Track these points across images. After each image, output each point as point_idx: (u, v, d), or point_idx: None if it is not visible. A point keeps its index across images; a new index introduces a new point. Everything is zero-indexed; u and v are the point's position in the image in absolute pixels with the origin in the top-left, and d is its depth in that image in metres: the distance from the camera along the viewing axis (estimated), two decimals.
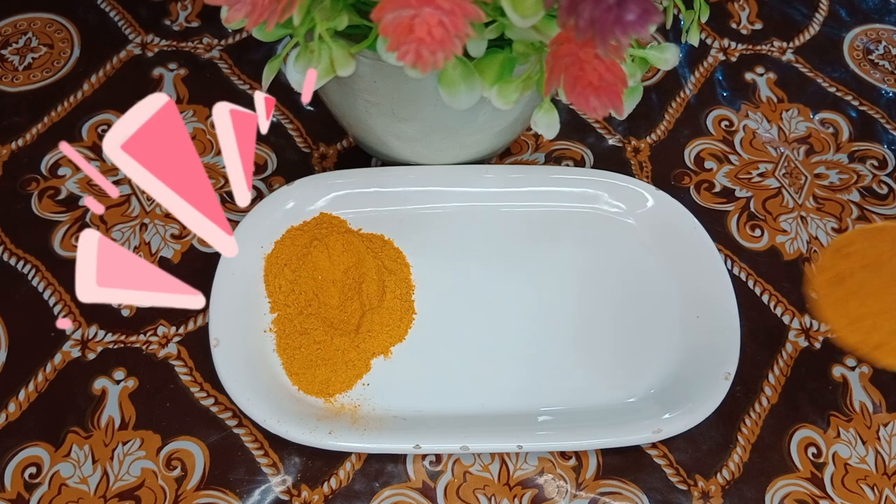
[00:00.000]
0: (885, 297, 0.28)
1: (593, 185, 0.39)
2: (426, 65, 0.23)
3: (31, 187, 0.40)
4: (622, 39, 0.22)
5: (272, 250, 0.37)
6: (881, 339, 0.28)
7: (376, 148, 0.39)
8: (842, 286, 0.28)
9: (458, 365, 0.35)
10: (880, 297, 0.28)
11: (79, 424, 0.34)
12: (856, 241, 0.29)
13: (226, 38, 0.47)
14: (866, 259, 0.28)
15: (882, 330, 0.28)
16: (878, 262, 0.28)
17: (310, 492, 0.32)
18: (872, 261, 0.28)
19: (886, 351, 0.28)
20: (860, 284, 0.28)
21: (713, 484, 0.33)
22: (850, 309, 0.28)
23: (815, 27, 0.49)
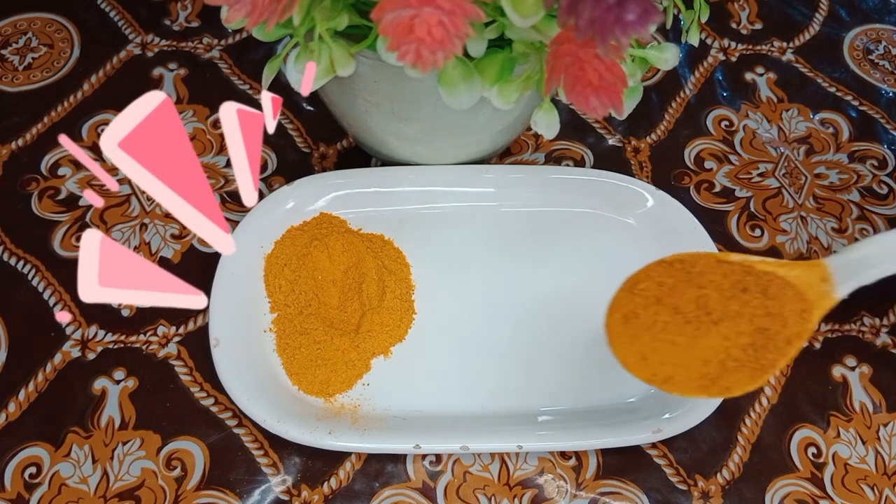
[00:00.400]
0: (673, 331, 0.29)
1: (593, 185, 0.39)
2: (426, 65, 0.23)
3: (31, 187, 0.40)
4: (622, 39, 0.22)
5: (272, 250, 0.37)
6: (669, 372, 0.28)
7: (376, 148, 0.39)
8: (633, 323, 0.29)
9: (458, 365, 0.35)
10: (668, 331, 0.29)
11: (79, 424, 0.34)
12: (647, 277, 0.29)
13: (226, 38, 0.47)
14: (657, 294, 0.29)
15: (668, 363, 0.28)
16: (667, 295, 0.29)
17: (310, 492, 0.32)
18: (663, 295, 0.29)
19: (673, 384, 0.28)
20: (650, 320, 0.29)
21: (713, 484, 0.33)
22: (642, 344, 0.29)
23: (815, 27, 0.49)
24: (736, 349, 0.28)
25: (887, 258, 0.28)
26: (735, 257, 0.29)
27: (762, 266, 0.29)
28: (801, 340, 0.28)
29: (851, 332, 0.37)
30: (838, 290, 0.29)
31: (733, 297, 0.28)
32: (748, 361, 0.28)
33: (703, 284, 0.29)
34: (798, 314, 0.28)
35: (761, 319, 0.28)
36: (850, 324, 0.38)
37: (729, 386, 0.28)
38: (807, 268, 0.29)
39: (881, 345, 0.37)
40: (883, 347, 0.37)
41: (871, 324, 0.38)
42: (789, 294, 0.28)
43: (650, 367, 0.29)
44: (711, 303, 0.29)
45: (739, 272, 0.29)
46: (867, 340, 0.37)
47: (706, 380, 0.28)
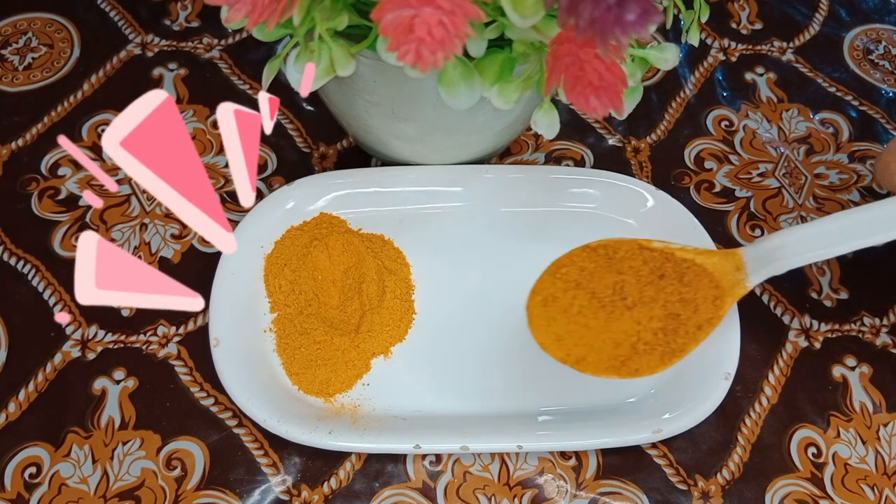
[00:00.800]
0: (588, 314, 0.30)
1: (593, 185, 0.39)
2: (426, 65, 0.23)
3: (31, 187, 0.40)
4: (622, 39, 0.22)
5: (272, 250, 0.37)
6: (582, 354, 0.29)
7: (376, 148, 0.39)
8: (551, 305, 0.30)
9: (458, 365, 0.35)
10: (584, 313, 0.30)
11: (79, 424, 0.34)
12: (570, 262, 0.30)
13: (226, 38, 0.47)
14: (577, 278, 0.30)
15: (582, 345, 0.30)
16: (588, 280, 0.30)
17: (310, 492, 0.32)
18: (582, 280, 0.30)
19: (586, 364, 0.30)
20: (568, 303, 0.30)
21: (713, 484, 0.33)
22: (558, 326, 0.30)
23: (815, 27, 0.49)
24: (647, 333, 0.29)
25: (799, 251, 0.29)
26: (657, 244, 0.30)
27: (682, 253, 0.30)
28: (711, 326, 0.30)
29: (851, 332, 0.37)
30: (751, 280, 0.30)
31: (650, 282, 0.30)
32: (658, 345, 0.29)
33: (623, 270, 0.30)
34: (711, 301, 0.30)
35: (674, 305, 0.30)
36: (850, 324, 0.38)
37: (639, 367, 0.29)
38: (723, 257, 0.30)
39: (881, 345, 0.37)
40: (883, 347, 0.37)
41: (871, 324, 0.38)
42: (704, 281, 0.30)
43: (565, 348, 0.30)
44: (628, 288, 0.30)
45: (659, 259, 0.30)
46: (867, 340, 0.37)
47: (617, 361, 0.29)
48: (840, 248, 0.29)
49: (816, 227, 0.29)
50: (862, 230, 0.28)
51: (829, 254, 0.29)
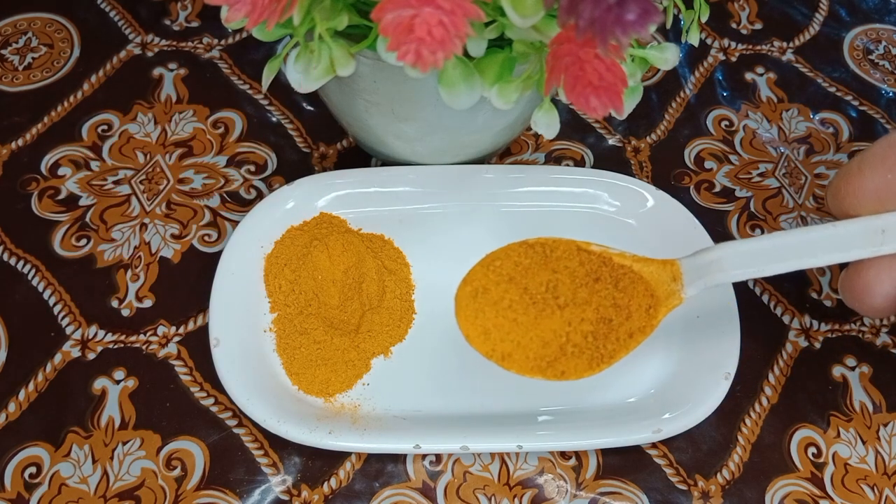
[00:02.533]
0: (518, 310, 0.29)
1: (593, 185, 0.39)
2: (426, 65, 0.23)
3: (31, 187, 0.40)
4: (622, 39, 0.22)
5: (272, 250, 0.37)
6: (508, 350, 0.29)
7: (376, 148, 0.39)
8: (481, 297, 0.29)
9: (458, 365, 0.35)
10: (513, 309, 0.29)
11: (79, 424, 0.34)
12: (505, 256, 0.30)
13: (226, 38, 0.47)
14: (511, 273, 0.30)
15: (508, 341, 0.29)
16: (521, 275, 0.30)
17: (310, 492, 0.33)
18: (516, 274, 0.30)
19: (511, 361, 0.29)
20: (499, 297, 0.29)
21: (713, 484, 0.33)
22: (485, 320, 0.29)
23: (815, 27, 0.49)
24: (577, 335, 0.29)
25: (735, 265, 0.29)
26: (595, 248, 0.30)
27: (619, 259, 0.29)
28: (643, 335, 0.29)
29: (851, 332, 0.37)
30: (686, 291, 0.29)
31: (584, 284, 0.29)
32: (587, 349, 0.29)
33: (558, 269, 0.29)
34: (644, 309, 0.29)
35: (607, 310, 0.29)
36: (850, 324, 0.38)
37: (565, 370, 0.29)
38: (660, 266, 0.29)
39: (881, 345, 0.37)
40: (883, 347, 0.37)
41: (871, 324, 0.38)
42: (640, 289, 0.29)
43: (491, 343, 0.29)
44: (561, 287, 0.29)
45: (596, 262, 0.29)
46: (867, 340, 0.37)
47: (543, 361, 0.29)
48: (777, 266, 0.29)
49: (754, 244, 0.29)
50: (800, 251, 0.28)
51: (766, 271, 0.29)
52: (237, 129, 0.43)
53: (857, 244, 0.27)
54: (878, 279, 0.27)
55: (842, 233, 0.28)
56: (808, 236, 0.28)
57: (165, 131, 0.42)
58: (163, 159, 0.41)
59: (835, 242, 0.28)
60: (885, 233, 0.27)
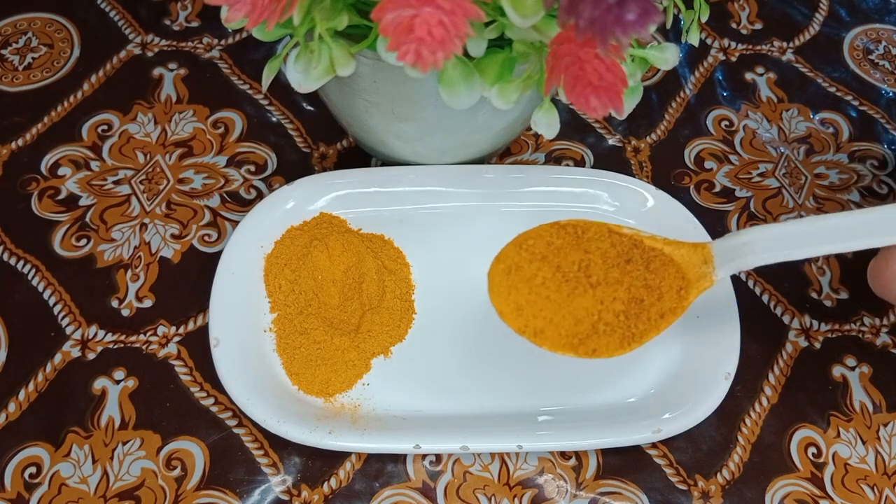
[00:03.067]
0: (551, 287, 0.30)
1: (593, 185, 0.39)
2: (426, 64, 0.23)
3: (31, 187, 0.40)
4: (622, 39, 0.22)
5: (272, 250, 0.37)
6: (541, 326, 0.29)
7: (376, 148, 0.39)
8: (514, 275, 0.30)
9: (458, 365, 0.35)
10: (546, 286, 0.30)
11: (79, 424, 0.34)
12: (538, 236, 0.30)
13: (226, 38, 0.47)
14: (544, 252, 0.30)
15: (541, 317, 0.29)
16: (554, 255, 0.30)
17: (310, 492, 0.32)
18: (548, 253, 0.30)
19: (544, 338, 0.29)
20: (532, 274, 0.30)
21: (713, 484, 0.33)
22: (518, 296, 0.30)
23: (815, 27, 0.49)
24: (609, 314, 0.29)
25: (767, 248, 0.29)
26: (626, 230, 0.30)
27: (651, 242, 0.30)
28: (674, 316, 0.29)
29: (851, 332, 0.37)
30: (718, 273, 0.30)
31: (616, 265, 0.30)
32: (619, 328, 0.29)
33: (590, 250, 0.30)
34: (675, 291, 0.29)
35: (638, 290, 0.29)
36: (850, 324, 0.38)
37: (597, 348, 0.29)
38: (692, 248, 0.30)
39: (881, 345, 0.37)
40: (883, 347, 0.37)
41: (871, 324, 0.38)
42: (671, 271, 0.29)
43: (523, 318, 0.29)
44: (593, 267, 0.30)
45: (628, 244, 0.30)
46: (867, 340, 0.37)
47: (575, 339, 0.29)
48: (809, 250, 0.29)
49: (787, 228, 0.29)
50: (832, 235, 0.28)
51: (797, 255, 0.29)
52: (237, 129, 0.43)
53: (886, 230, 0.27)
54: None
55: (876, 218, 0.28)
56: (842, 221, 0.28)
57: (165, 131, 0.42)
58: (163, 159, 0.41)
59: (868, 227, 0.28)
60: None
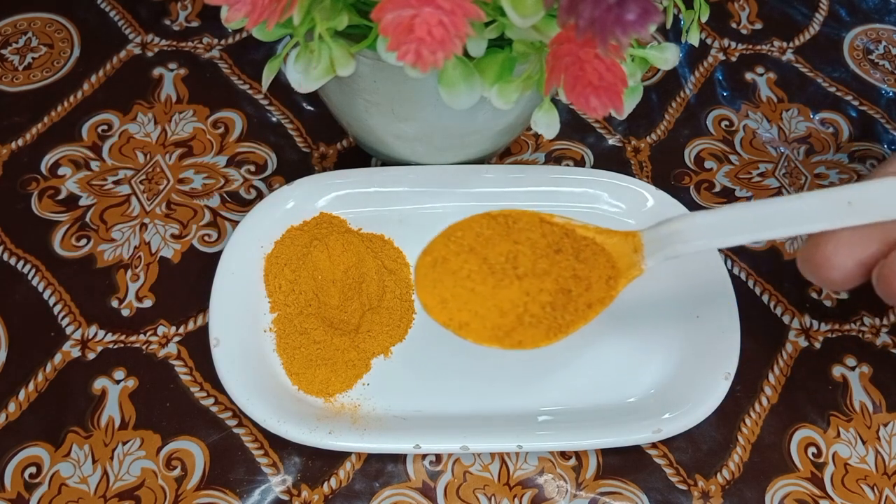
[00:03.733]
0: (476, 280, 0.29)
1: (593, 185, 0.39)
2: (426, 64, 0.23)
3: (31, 187, 0.40)
4: (622, 39, 0.22)
5: (272, 250, 0.37)
6: (466, 319, 0.29)
7: (376, 148, 0.39)
8: (440, 267, 0.30)
9: (458, 365, 0.35)
10: (472, 279, 0.29)
11: (79, 424, 0.34)
12: (467, 227, 0.30)
13: (226, 38, 0.47)
14: (472, 243, 0.30)
15: (466, 310, 0.29)
16: (482, 246, 0.30)
17: (310, 492, 0.32)
18: (476, 245, 0.30)
19: (469, 331, 0.29)
20: (458, 266, 0.29)
21: (713, 484, 0.33)
22: (443, 290, 0.29)
23: (815, 27, 0.49)
24: (535, 305, 0.29)
25: (697, 236, 0.28)
26: (559, 219, 0.30)
27: (582, 231, 0.29)
28: (602, 306, 0.29)
29: (851, 332, 0.37)
30: (647, 262, 0.29)
31: (545, 255, 0.29)
32: (545, 319, 0.29)
33: (520, 240, 0.29)
34: (605, 281, 0.29)
35: (566, 281, 0.29)
36: (850, 324, 0.38)
37: (522, 340, 0.29)
38: (623, 237, 0.29)
39: (881, 345, 0.37)
40: (883, 347, 0.37)
41: (871, 324, 0.38)
42: (601, 260, 0.29)
43: (448, 312, 0.29)
44: (521, 258, 0.29)
45: (559, 234, 0.29)
46: (867, 340, 0.37)
47: (500, 331, 0.29)
48: (738, 238, 0.28)
49: (716, 216, 0.28)
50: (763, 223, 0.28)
51: (727, 242, 0.28)
52: (237, 129, 0.43)
53: (822, 216, 0.27)
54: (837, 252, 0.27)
55: (807, 205, 0.27)
56: (773, 208, 0.27)
57: (165, 131, 0.42)
58: (163, 159, 0.41)
59: (799, 214, 0.27)
60: (851, 205, 0.26)
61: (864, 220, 0.26)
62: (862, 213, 0.26)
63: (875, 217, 0.26)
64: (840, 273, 0.27)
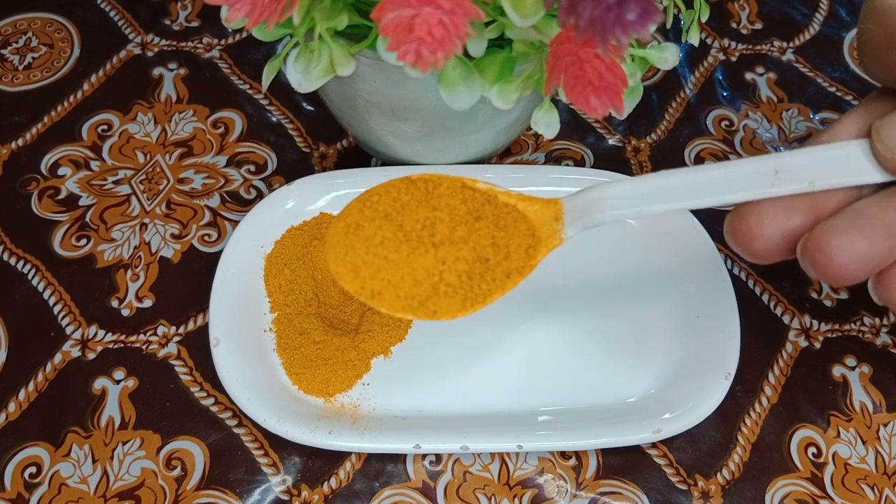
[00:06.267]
0: (389, 247, 0.28)
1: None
2: (426, 64, 0.23)
3: (31, 187, 0.40)
4: (622, 39, 0.22)
5: (272, 250, 0.37)
6: (378, 288, 0.28)
7: (376, 148, 0.39)
8: (353, 234, 0.28)
9: (458, 365, 0.35)
10: (385, 246, 0.28)
11: (79, 424, 0.34)
12: (385, 192, 0.29)
13: (226, 38, 0.47)
14: (388, 209, 0.28)
15: (378, 279, 0.28)
16: (398, 212, 0.28)
17: (310, 491, 0.33)
18: (392, 211, 0.28)
19: (381, 300, 0.28)
20: (371, 233, 0.28)
21: (713, 484, 0.33)
22: (355, 257, 0.28)
23: (815, 27, 0.49)
24: (451, 275, 0.28)
25: (615, 205, 0.28)
26: (481, 185, 0.28)
27: (505, 198, 0.28)
28: (520, 276, 0.28)
29: (851, 332, 0.37)
30: (567, 231, 0.28)
31: (464, 223, 0.28)
32: (461, 288, 0.28)
33: (439, 207, 0.28)
34: (524, 249, 0.28)
35: (485, 249, 0.28)
36: (850, 324, 0.38)
37: (437, 310, 0.28)
38: (545, 205, 0.28)
39: (881, 345, 0.37)
40: (883, 347, 0.37)
41: (871, 324, 0.38)
42: (521, 229, 0.28)
43: (360, 281, 0.28)
44: (439, 225, 0.28)
45: (480, 200, 0.28)
46: (867, 340, 0.37)
47: (415, 300, 0.28)
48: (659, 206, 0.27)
49: (638, 184, 0.27)
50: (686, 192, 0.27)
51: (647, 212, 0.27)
52: (237, 128, 0.43)
53: (746, 185, 0.26)
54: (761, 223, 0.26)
55: (732, 173, 0.26)
56: (696, 177, 0.27)
57: (165, 131, 0.42)
58: (163, 159, 0.41)
59: (724, 183, 0.26)
60: (777, 174, 0.26)
61: (789, 189, 0.25)
62: (788, 183, 0.25)
63: (801, 187, 0.25)
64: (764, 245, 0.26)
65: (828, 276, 0.25)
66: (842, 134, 0.27)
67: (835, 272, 0.24)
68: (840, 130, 0.27)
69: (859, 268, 0.24)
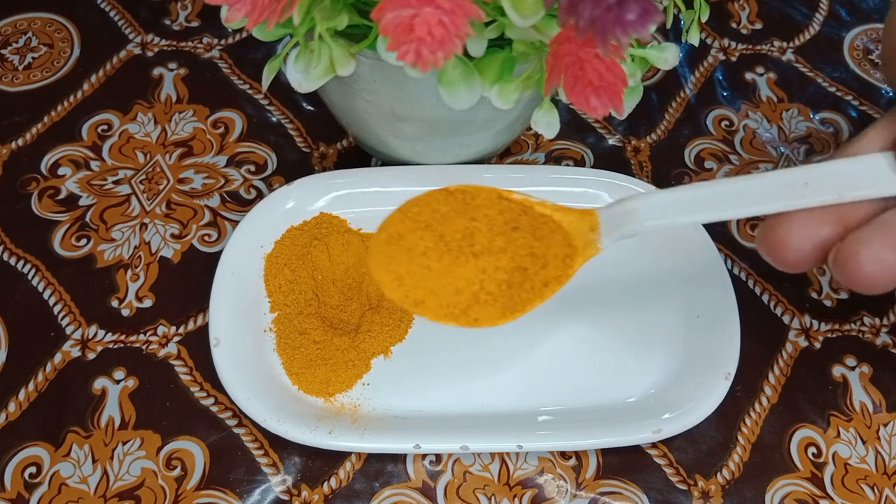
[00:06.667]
0: (432, 257, 0.29)
1: (593, 185, 0.39)
2: (426, 64, 0.23)
3: (31, 187, 0.40)
4: (622, 39, 0.22)
5: (272, 250, 0.37)
6: (421, 297, 0.29)
7: (376, 148, 0.39)
8: (395, 244, 0.29)
9: (458, 365, 0.35)
10: (427, 256, 0.29)
11: (79, 424, 0.34)
12: (425, 203, 0.29)
13: (226, 38, 0.47)
14: (428, 220, 0.29)
15: (421, 288, 0.29)
16: (438, 223, 0.29)
17: (310, 491, 0.33)
18: (433, 222, 0.29)
19: (425, 308, 0.29)
20: (414, 243, 0.29)
21: (713, 484, 0.33)
22: (398, 265, 0.29)
23: (815, 27, 0.49)
24: (491, 283, 0.29)
25: (651, 216, 0.28)
26: (517, 196, 0.29)
27: (540, 208, 0.29)
28: (558, 284, 0.29)
29: (851, 332, 0.37)
30: (603, 241, 0.29)
31: (502, 233, 0.29)
32: (501, 297, 0.29)
33: (477, 217, 0.29)
34: (561, 259, 0.29)
35: (523, 259, 0.29)
36: (850, 324, 0.38)
37: (478, 318, 0.29)
38: (580, 215, 0.29)
39: (881, 345, 0.37)
40: (883, 347, 0.37)
41: (871, 324, 0.38)
42: (558, 238, 0.29)
43: (404, 289, 0.29)
44: (478, 235, 0.29)
45: (517, 211, 0.29)
46: (867, 340, 0.37)
47: (456, 309, 0.29)
48: (693, 217, 0.28)
49: (672, 195, 0.28)
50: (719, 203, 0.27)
51: (681, 222, 0.28)
52: (237, 128, 0.43)
53: (778, 197, 0.26)
54: (792, 233, 0.27)
55: (763, 185, 0.27)
56: (729, 188, 0.27)
57: (165, 131, 0.42)
58: (163, 159, 0.41)
59: (755, 194, 0.27)
60: (808, 185, 0.26)
61: (819, 201, 0.26)
62: (817, 195, 0.26)
63: (830, 199, 0.26)
64: (795, 255, 0.27)
65: (858, 286, 0.25)
66: (866, 147, 0.27)
67: (865, 281, 0.25)
68: (864, 143, 0.27)
69: (889, 277, 0.25)
